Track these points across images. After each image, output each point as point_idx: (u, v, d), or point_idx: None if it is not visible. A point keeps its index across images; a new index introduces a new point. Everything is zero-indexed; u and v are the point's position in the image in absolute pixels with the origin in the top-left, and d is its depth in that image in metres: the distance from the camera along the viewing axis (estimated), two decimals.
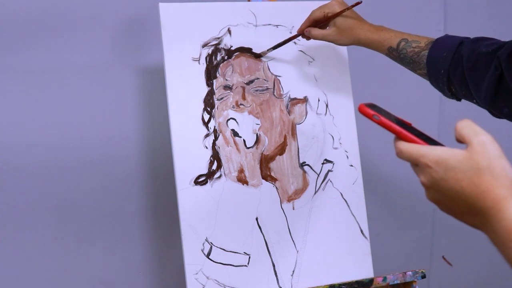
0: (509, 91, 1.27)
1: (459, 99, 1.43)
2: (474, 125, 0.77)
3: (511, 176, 0.74)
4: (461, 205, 0.76)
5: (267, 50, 1.57)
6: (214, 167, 1.50)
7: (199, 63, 1.52)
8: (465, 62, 1.34)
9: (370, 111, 0.84)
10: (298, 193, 1.58)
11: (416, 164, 0.79)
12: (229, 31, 1.56)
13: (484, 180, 0.73)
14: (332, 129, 1.63)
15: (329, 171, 1.62)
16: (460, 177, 0.75)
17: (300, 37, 1.56)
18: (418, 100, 1.68)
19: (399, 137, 0.81)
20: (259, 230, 1.53)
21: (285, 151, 1.58)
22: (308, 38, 1.53)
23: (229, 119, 1.53)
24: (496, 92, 1.29)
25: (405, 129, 0.81)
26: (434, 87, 1.45)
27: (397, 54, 1.45)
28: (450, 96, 1.42)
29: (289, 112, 1.60)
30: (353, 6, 1.46)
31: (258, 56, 1.58)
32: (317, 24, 1.50)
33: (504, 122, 1.39)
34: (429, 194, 0.80)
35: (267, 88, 1.58)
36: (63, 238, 1.75)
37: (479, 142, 0.75)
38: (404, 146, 0.79)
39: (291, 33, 1.60)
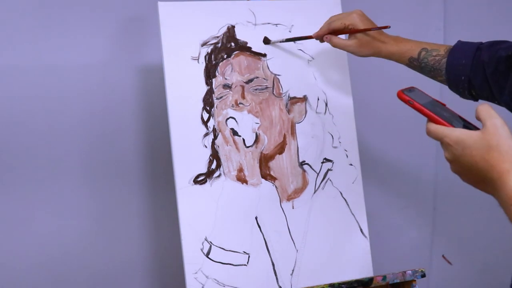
0: None
1: (476, 100, 1.46)
2: (490, 109, 0.92)
3: None
4: (476, 176, 0.93)
5: (280, 40, 1.57)
6: (214, 166, 1.50)
7: (198, 62, 1.52)
8: (486, 68, 1.37)
9: (406, 97, 1.00)
10: (298, 192, 1.58)
11: (442, 142, 0.96)
12: (228, 30, 1.56)
13: (492, 157, 0.90)
14: (331, 128, 1.63)
15: (328, 170, 1.62)
16: (474, 153, 0.91)
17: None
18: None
19: (429, 119, 0.98)
20: (258, 229, 1.52)
21: (284, 150, 1.58)
22: (322, 41, 1.54)
23: (228, 118, 1.53)
24: None
25: (434, 112, 0.97)
26: (452, 91, 1.48)
27: (418, 63, 1.48)
28: (469, 98, 1.46)
29: (288, 111, 1.59)
30: (380, 28, 1.47)
31: (266, 43, 1.58)
32: (336, 33, 1.51)
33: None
34: (452, 167, 0.97)
35: (267, 87, 1.58)
36: (63, 237, 1.75)
37: (491, 124, 0.91)
38: (432, 127, 0.97)
39: (290, 32, 1.60)
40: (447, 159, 0.96)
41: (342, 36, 1.52)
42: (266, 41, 1.58)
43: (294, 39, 1.57)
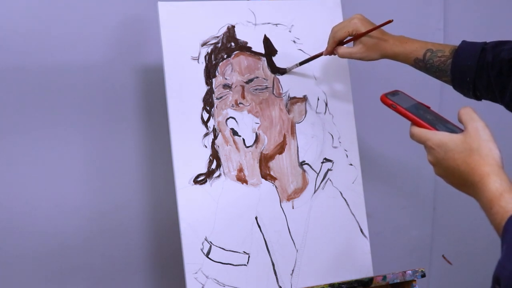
0: None
1: (479, 99, 1.47)
2: (472, 112, 0.94)
3: (496, 156, 0.91)
4: (458, 179, 0.94)
5: (295, 65, 1.57)
6: (214, 166, 1.50)
7: (198, 62, 1.52)
8: (490, 70, 1.37)
9: (389, 101, 1.00)
10: (298, 192, 1.58)
11: (425, 146, 0.97)
12: (228, 29, 1.56)
13: (473, 160, 0.91)
14: (331, 128, 1.63)
15: (328, 170, 1.62)
16: (456, 157, 0.93)
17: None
18: (418, 99, 1.69)
19: (412, 123, 0.98)
20: (258, 229, 1.52)
21: (284, 150, 1.58)
22: (333, 54, 1.54)
23: (228, 118, 1.53)
24: None
25: (417, 116, 0.98)
26: (457, 91, 1.48)
27: (423, 64, 1.47)
28: (473, 98, 1.46)
29: (288, 111, 1.59)
30: (382, 25, 1.45)
31: (283, 73, 1.58)
32: (343, 43, 1.50)
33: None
34: (435, 170, 0.98)
35: (267, 87, 1.58)
36: (63, 237, 1.75)
37: (473, 127, 0.93)
38: (415, 130, 0.98)
39: (290, 32, 1.60)
40: (430, 162, 0.98)
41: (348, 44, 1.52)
42: (283, 71, 1.58)
43: (306, 61, 1.57)
